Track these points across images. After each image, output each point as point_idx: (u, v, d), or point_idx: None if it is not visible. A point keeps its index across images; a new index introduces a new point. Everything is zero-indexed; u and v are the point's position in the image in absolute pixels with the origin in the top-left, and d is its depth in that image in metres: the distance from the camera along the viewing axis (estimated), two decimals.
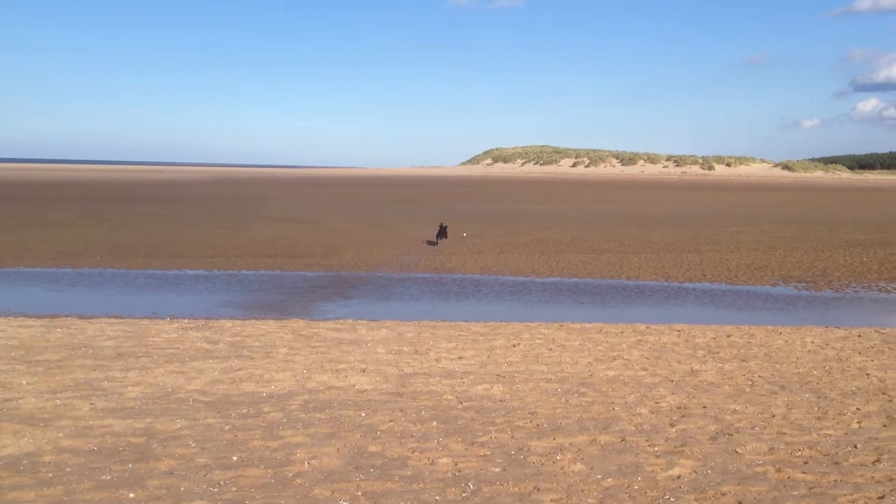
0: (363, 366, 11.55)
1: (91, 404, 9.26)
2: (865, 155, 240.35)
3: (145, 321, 15.73)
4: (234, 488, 6.68)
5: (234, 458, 7.43)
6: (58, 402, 9.32)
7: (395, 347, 13.01)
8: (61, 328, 14.40)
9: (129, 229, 36.54)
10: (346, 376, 10.86)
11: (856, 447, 7.91)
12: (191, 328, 14.71)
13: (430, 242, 32.45)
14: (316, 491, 6.64)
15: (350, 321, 15.99)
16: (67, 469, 7.09)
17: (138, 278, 22.98)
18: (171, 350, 12.56)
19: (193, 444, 7.80)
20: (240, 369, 11.19)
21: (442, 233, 32.29)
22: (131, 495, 6.53)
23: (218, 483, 6.78)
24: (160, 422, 8.57)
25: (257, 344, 13.16)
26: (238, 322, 15.76)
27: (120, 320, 15.81)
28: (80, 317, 16.29)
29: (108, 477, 6.92)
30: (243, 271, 24.49)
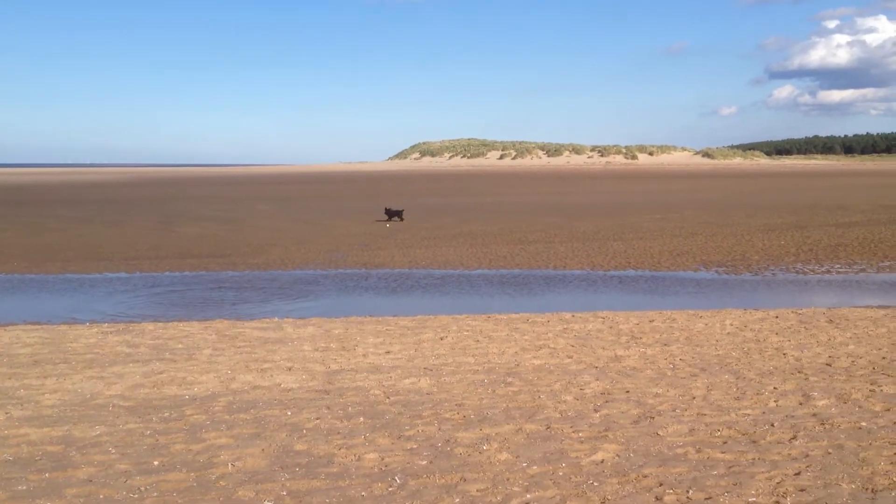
0: (289, 364, 11.43)
1: (6, 413, 8.98)
2: (782, 141, 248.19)
3: (63, 327, 15.30)
4: (155, 493, 6.54)
5: (156, 462, 7.27)
6: None
7: (322, 344, 12.92)
8: None
9: (46, 233, 35.50)
10: (271, 375, 10.74)
11: (773, 425, 8.12)
12: (111, 332, 14.37)
13: (381, 220, 37.83)
14: (240, 492, 6.54)
15: (276, 319, 15.82)
16: None
17: (56, 283, 22.34)
18: (90, 355, 12.25)
19: (113, 451, 7.61)
20: (161, 372, 10.97)
21: (394, 214, 38.07)
22: None
23: (139, 489, 6.63)
24: (78, 429, 8.34)
25: (180, 346, 12.91)
26: (160, 324, 15.45)
27: (37, 326, 15.35)
28: None
29: (24, 487, 6.71)
30: (167, 272, 24.02)
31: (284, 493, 6.53)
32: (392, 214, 38.44)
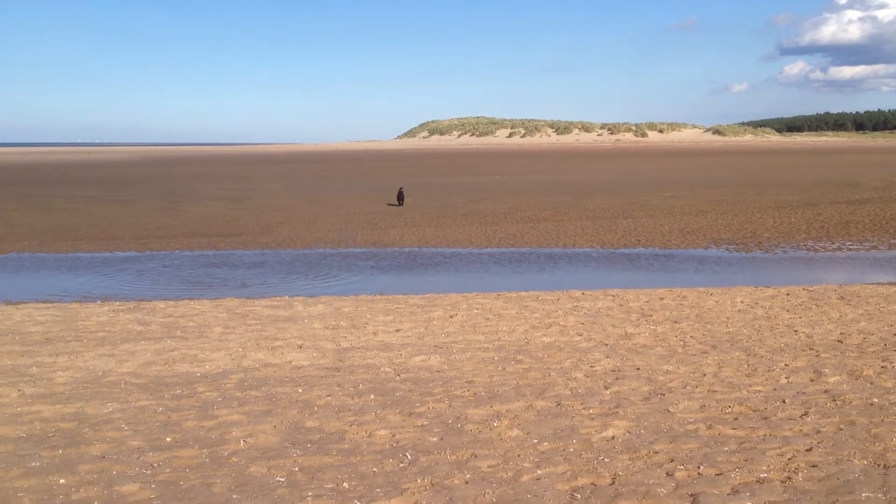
0: (300, 342, 11.46)
1: (19, 391, 9.02)
2: (793, 117, 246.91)
3: (75, 305, 15.37)
4: (167, 469, 6.58)
5: (168, 439, 7.31)
6: None
7: (332, 322, 12.94)
8: None
9: (57, 212, 35.60)
10: (282, 353, 10.76)
11: (784, 402, 8.11)
12: (122, 310, 14.42)
13: (391, 204, 37.31)
14: (252, 468, 6.57)
15: (286, 298, 15.85)
16: None
17: (68, 262, 22.43)
18: (102, 333, 12.30)
19: (126, 427, 7.65)
20: (173, 350, 11.01)
21: (400, 197, 37.51)
22: (62, 481, 6.38)
23: (151, 465, 6.67)
24: (91, 406, 8.39)
25: (191, 324, 12.96)
26: (171, 302, 15.50)
27: (49, 305, 15.42)
28: (7, 303, 15.86)
29: (38, 463, 6.76)
30: (177, 251, 24.09)
31: (296, 469, 6.55)
32: (399, 197, 38.06)
